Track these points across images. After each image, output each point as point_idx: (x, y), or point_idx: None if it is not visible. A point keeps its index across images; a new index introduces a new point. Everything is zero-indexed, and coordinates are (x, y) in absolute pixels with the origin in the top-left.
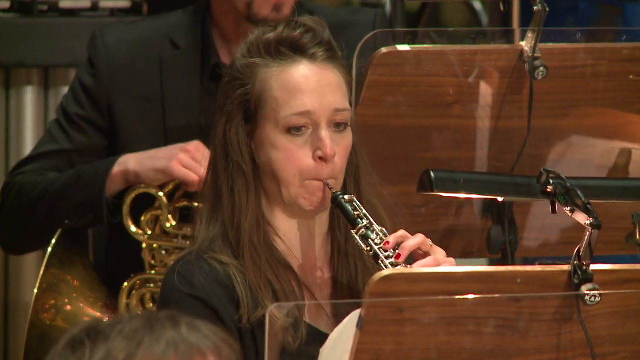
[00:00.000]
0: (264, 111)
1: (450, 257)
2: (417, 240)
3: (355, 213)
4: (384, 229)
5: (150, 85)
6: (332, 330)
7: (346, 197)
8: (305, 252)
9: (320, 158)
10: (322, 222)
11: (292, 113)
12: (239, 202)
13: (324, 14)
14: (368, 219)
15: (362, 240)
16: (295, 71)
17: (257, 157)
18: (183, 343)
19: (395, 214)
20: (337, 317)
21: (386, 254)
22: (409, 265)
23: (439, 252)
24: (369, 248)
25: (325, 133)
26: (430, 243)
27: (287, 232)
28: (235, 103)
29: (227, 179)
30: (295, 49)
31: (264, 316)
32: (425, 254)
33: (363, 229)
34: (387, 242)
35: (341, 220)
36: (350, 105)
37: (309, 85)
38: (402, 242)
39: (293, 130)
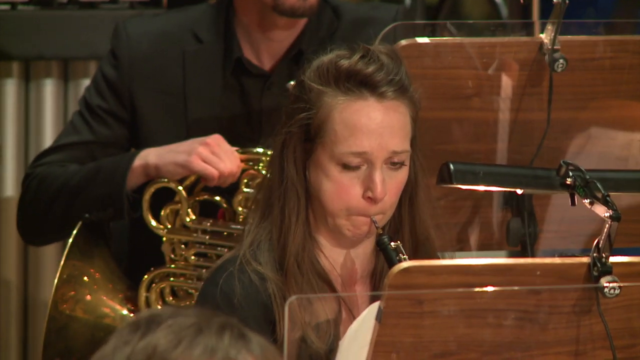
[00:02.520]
0: (323, 139)
1: (469, 249)
2: None
3: None
4: None
5: (173, 79)
6: None
7: (392, 244)
8: (349, 270)
9: (370, 198)
10: (368, 242)
11: (348, 151)
12: (288, 222)
13: (346, 10)
14: None
15: None
16: (360, 109)
17: (309, 176)
18: (221, 351)
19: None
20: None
21: None
22: None
23: None
24: None
25: (378, 174)
26: None
27: (331, 249)
28: (296, 125)
29: (280, 196)
30: (365, 85)
31: (300, 339)
32: None
33: None
34: None
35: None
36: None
37: (370, 126)
38: None
39: (347, 165)
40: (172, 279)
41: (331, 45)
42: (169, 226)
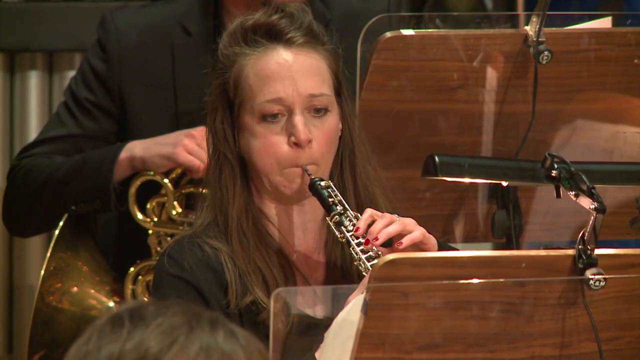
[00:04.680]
0: (242, 99)
1: (454, 241)
2: (383, 222)
3: (330, 200)
4: (358, 215)
5: (162, 72)
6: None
7: (322, 183)
8: (298, 238)
9: (295, 144)
10: (315, 207)
11: (264, 100)
12: (225, 191)
13: (336, 3)
14: (343, 205)
15: (335, 227)
16: (270, 58)
17: (240, 145)
18: (217, 350)
19: (396, 200)
20: (331, 303)
21: (357, 240)
22: (379, 251)
23: (409, 222)
24: (341, 235)
25: (299, 118)
26: (398, 217)
27: (278, 218)
28: (215, 92)
29: (215, 169)
30: (271, 35)
31: (251, 302)
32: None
33: (337, 216)
34: (358, 229)
35: None
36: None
37: (281, 71)
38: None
39: (268, 117)
40: None
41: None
42: (155, 219)
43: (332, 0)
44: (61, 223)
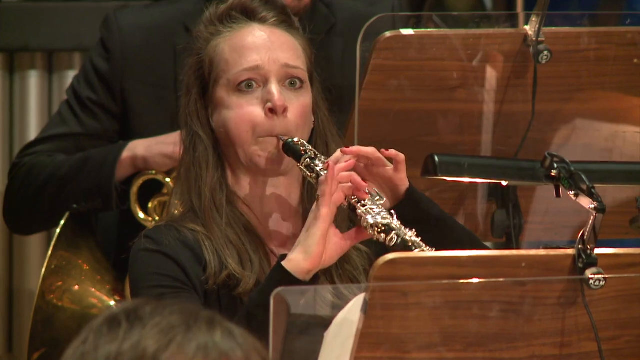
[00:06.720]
0: (217, 75)
1: None
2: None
3: (302, 149)
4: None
5: (164, 73)
6: None
7: (295, 139)
8: (272, 220)
9: (271, 110)
10: (291, 191)
11: (241, 69)
12: (199, 169)
13: (341, 7)
14: (313, 152)
15: (307, 169)
16: (245, 33)
17: (213, 124)
18: (214, 349)
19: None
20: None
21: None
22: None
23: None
24: (312, 174)
25: (274, 86)
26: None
27: (252, 199)
28: (189, 73)
29: (189, 149)
30: (246, 14)
31: (228, 277)
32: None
33: (307, 159)
34: (327, 163)
35: (312, 193)
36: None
37: (256, 42)
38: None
39: (244, 86)
40: None
41: (330, 41)
42: (157, 218)
43: (336, 4)
44: (62, 221)
